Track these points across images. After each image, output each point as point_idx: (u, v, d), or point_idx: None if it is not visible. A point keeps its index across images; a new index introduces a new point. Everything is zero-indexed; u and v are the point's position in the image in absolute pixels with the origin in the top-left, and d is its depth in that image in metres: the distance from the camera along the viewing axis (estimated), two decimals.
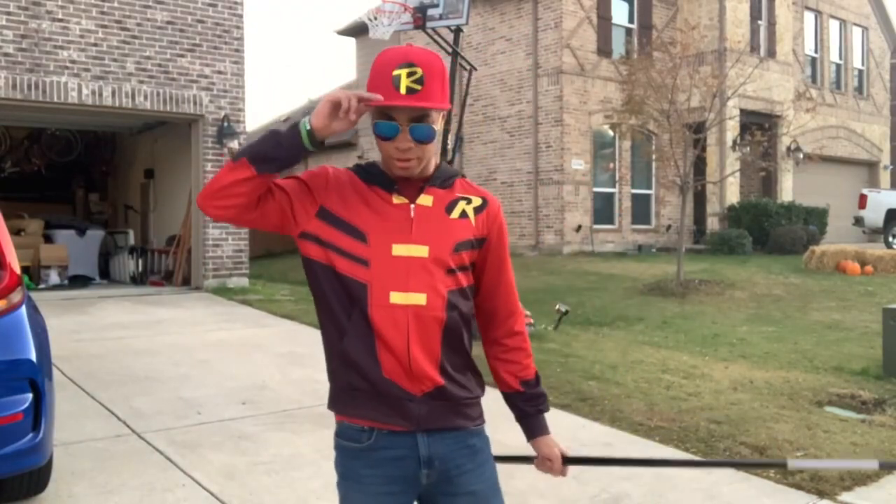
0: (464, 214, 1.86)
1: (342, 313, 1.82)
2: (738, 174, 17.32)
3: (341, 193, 1.83)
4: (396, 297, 1.77)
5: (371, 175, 1.86)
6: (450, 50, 8.45)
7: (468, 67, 8.41)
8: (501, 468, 1.98)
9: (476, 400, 1.91)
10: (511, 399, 1.99)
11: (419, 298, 1.77)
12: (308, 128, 1.72)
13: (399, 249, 1.78)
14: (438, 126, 1.81)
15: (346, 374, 1.83)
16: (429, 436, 1.82)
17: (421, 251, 1.79)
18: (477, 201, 1.89)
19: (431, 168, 1.88)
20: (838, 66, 22.94)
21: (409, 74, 1.72)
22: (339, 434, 1.87)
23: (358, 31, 19.96)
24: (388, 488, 1.82)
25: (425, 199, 1.83)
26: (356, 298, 1.79)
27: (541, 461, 2.02)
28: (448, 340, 1.82)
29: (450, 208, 1.85)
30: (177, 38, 11.07)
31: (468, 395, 1.87)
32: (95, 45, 10.43)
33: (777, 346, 8.00)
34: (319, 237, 1.82)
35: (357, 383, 1.81)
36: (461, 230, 1.84)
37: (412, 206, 1.82)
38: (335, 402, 1.88)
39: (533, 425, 1.99)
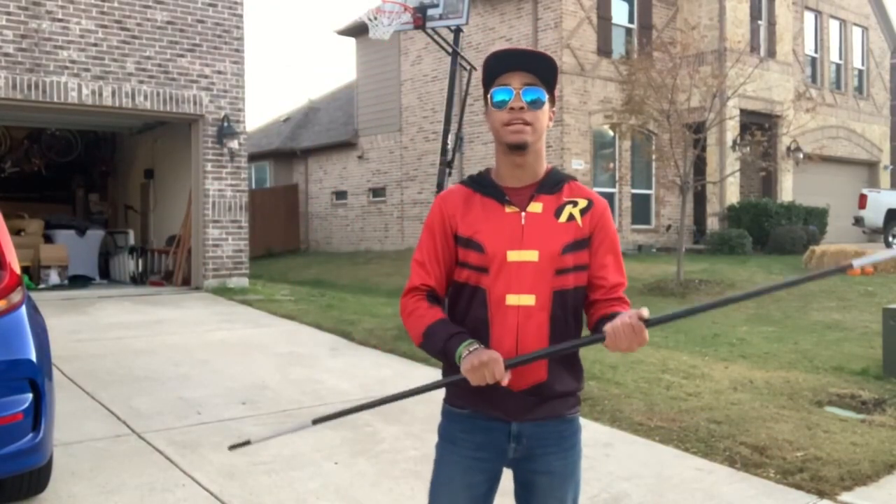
0: (571, 217, 1.99)
1: (466, 321, 1.99)
2: (738, 174, 17.31)
3: (459, 216, 2.02)
4: (511, 300, 1.94)
5: (484, 186, 2.03)
6: (450, 50, 8.45)
7: (468, 67, 8.40)
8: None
9: (574, 392, 2.05)
10: (599, 324, 1.98)
11: (529, 299, 1.94)
12: (460, 365, 1.89)
13: (513, 255, 1.95)
14: (547, 109, 1.98)
15: (457, 373, 1.95)
16: (521, 423, 1.98)
17: (532, 255, 1.94)
18: (583, 203, 2.02)
19: (542, 170, 2.03)
20: (838, 66, 22.93)
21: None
22: (446, 401, 2.09)
23: (358, 31, 19.96)
24: (478, 454, 2.01)
25: (535, 207, 1.98)
26: (476, 304, 1.97)
27: (620, 326, 1.85)
28: (557, 338, 1.95)
29: (558, 213, 1.99)
30: (177, 38, 11.07)
31: (567, 388, 2.01)
32: (95, 45, 10.43)
33: (777, 346, 8.00)
34: (462, 260, 2.01)
35: (465, 382, 1.92)
36: (568, 233, 1.98)
37: (523, 214, 1.98)
38: (446, 397, 2.09)
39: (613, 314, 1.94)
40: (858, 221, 17.48)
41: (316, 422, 2.07)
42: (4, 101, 9.94)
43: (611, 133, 17.17)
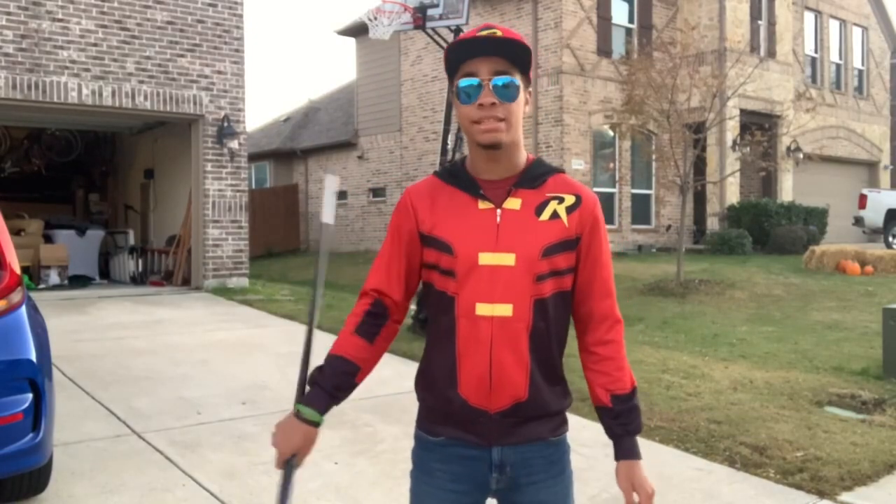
0: (555, 215, 1.74)
1: (435, 331, 1.80)
2: (738, 174, 17.31)
3: (427, 211, 1.79)
4: (482, 309, 1.70)
5: (456, 178, 1.79)
6: None
7: None
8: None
9: (559, 412, 1.82)
10: (600, 414, 1.86)
11: (505, 309, 1.70)
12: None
13: (486, 258, 1.71)
14: (522, 95, 1.72)
15: (425, 392, 1.83)
16: (503, 447, 1.77)
17: (507, 259, 1.70)
18: (570, 199, 1.77)
19: (521, 160, 1.78)
20: (838, 66, 22.93)
21: (489, 30, 1.71)
22: (418, 426, 1.88)
23: (358, 31, 19.95)
24: (457, 486, 1.80)
25: (513, 203, 1.74)
26: (446, 313, 1.75)
27: (621, 487, 1.83)
28: (537, 352, 1.74)
29: (540, 210, 1.74)
30: (177, 38, 11.07)
31: (549, 408, 1.78)
32: (95, 45, 10.43)
33: (777, 346, 8.00)
34: (427, 262, 1.81)
35: (432, 402, 1.80)
36: (551, 233, 1.73)
37: (498, 210, 1.73)
38: (419, 420, 1.89)
39: (619, 446, 1.84)
40: (858, 221, 17.49)
41: None
42: (4, 101, 9.94)
43: (611, 133, 17.17)
